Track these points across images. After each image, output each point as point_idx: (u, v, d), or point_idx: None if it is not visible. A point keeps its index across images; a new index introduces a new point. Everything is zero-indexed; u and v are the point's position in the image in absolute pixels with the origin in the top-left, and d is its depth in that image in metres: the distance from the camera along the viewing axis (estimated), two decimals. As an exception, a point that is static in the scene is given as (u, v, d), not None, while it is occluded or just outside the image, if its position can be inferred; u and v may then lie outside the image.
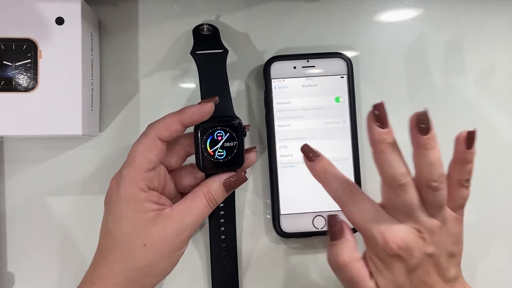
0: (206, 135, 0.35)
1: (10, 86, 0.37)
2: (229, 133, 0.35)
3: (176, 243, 0.34)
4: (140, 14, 0.43)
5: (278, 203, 0.40)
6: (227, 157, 0.35)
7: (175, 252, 0.34)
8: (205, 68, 0.37)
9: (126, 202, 0.33)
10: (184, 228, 0.34)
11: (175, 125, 0.34)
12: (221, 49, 0.38)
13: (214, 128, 0.35)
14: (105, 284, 0.33)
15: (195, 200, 0.34)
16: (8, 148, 0.42)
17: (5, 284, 0.41)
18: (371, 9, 0.43)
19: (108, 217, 0.34)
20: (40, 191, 0.42)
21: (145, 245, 0.33)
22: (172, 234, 0.33)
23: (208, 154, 0.35)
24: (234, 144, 0.35)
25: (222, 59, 0.38)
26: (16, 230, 0.41)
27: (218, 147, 0.35)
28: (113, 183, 0.34)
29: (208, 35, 0.39)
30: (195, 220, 0.34)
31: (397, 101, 0.43)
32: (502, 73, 0.43)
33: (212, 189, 0.35)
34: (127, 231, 0.33)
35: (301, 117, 0.40)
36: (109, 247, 0.34)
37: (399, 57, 0.43)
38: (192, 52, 0.38)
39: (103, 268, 0.33)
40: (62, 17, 0.37)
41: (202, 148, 0.35)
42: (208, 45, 0.38)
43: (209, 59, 0.38)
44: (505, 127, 0.43)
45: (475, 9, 0.43)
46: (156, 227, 0.33)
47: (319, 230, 0.40)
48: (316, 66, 0.41)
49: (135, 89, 0.42)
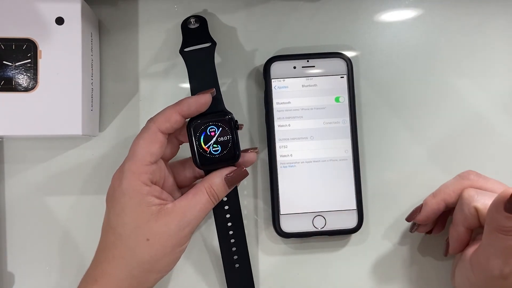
0: (199, 131, 0.35)
1: (10, 86, 0.37)
2: (221, 127, 0.35)
3: (179, 238, 0.34)
4: (140, 14, 0.43)
5: (278, 203, 0.40)
6: (222, 152, 0.35)
7: (178, 248, 0.34)
8: (194, 65, 0.37)
9: (128, 196, 0.33)
10: (186, 223, 0.34)
11: (174, 116, 0.34)
12: (209, 43, 0.38)
13: (206, 124, 0.35)
14: (108, 281, 0.33)
15: (197, 195, 0.34)
16: (8, 148, 0.42)
17: (5, 284, 0.41)
18: (371, 9, 0.43)
19: (110, 212, 0.34)
20: (40, 191, 0.42)
21: (148, 240, 0.33)
22: (175, 229, 0.33)
23: (203, 150, 0.35)
24: (227, 138, 0.35)
25: (210, 53, 0.38)
26: (16, 230, 0.41)
27: (212, 143, 0.35)
28: (115, 178, 0.34)
29: (196, 28, 0.39)
30: (197, 216, 0.34)
31: (397, 101, 0.43)
32: (502, 73, 0.43)
33: (214, 184, 0.35)
34: (130, 226, 0.33)
35: (301, 117, 0.40)
36: (111, 243, 0.33)
37: (399, 57, 0.43)
38: (181, 50, 0.38)
39: (105, 265, 0.33)
40: (62, 17, 0.37)
41: (197, 144, 0.35)
42: (196, 39, 0.38)
43: (197, 55, 0.38)
44: (505, 127, 0.43)
45: (475, 9, 0.43)
46: (159, 222, 0.33)
47: (319, 230, 0.40)
48: (316, 66, 0.41)
49: (135, 89, 0.42)
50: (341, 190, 0.40)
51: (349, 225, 0.40)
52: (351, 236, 0.42)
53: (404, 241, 0.42)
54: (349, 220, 0.40)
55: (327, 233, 0.40)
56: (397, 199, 0.42)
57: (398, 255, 0.42)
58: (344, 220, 0.40)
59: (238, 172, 0.35)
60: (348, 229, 0.40)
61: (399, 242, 0.42)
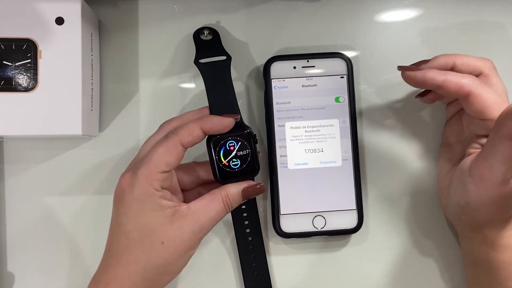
0: (218, 146, 0.35)
1: (10, 86, 0.37)
2: (240, 142, 0.36)
3: (192, 242, 0.34)
4: (140, 14, 0.43)
5: (278, 203, 0.40)
6: (242, 166, 0.36)
7: (190, 251, 0.34)
8: (211, 78, 0.38)
9: (141, 202, 0.33)
10: (200, 228, 0.34)
11: (197, 131, 0.34)
12: (224, 56, 0.38)
13: (225, 139, 0.36)
14: (121, 284, 0.33)
15: (213, 202, 0.35)
16: (8, 148, 0.42)
17: (5, 284, 0.41)
18: (371, 9, 0.43)
19: (122, 218, 0.34)
20: (40, 191, 0.42)
21: (163, 243, 0.33)
22: (188, 232, 0.33)
23: (223, 165, 0.36)
24: (247, 152, 0.36)
25: (227, 67, 0.38)
26: (16, 230, 0.41)
27: (232, 157, 0.36)
28: (126, 182, 0.34)
29: (209, 40, 0.39)
30: (210, 222, 0.34)
31: (397, 101, 0.43)
32: (502, 73, 0.43)
33: (230, 194, 0.35)
34: (145, 230, 0.33)
35: (301, 117, 0.40)
36: (124, 247, 0.33)
37: (399, 57, 0.43)
38: (196, 61, 0.38)
39: (117, 269, 0.33)
40: (62, 17, 0.37)
41: (217, 159, 0.35)
42: (210, 51, 0.38)
43: (213, 68, 0.38)
44: (505, 127, 0.43)
45: (475, 9, 0.43)
46: (173, 224, 0.33)
47: (319, 230, 0.40)
48: (316, 66, 0.41)
49: (135, 89, 0.42)
50: (341, 190, 0.40)
51: (349, 225, 0.40)
52: (351, 236, 0.42)
53: (404, 241, 0.42)
54: (349, 220, 0.40)
55: (327, 233, 0.40)
56: (397, 199, 0.42)
57: (398, 255, 0.42)
58: (344, 220, 0.40)
59: (255, 187, 0.36)
60: (348, 229, 0.40)
61: (399, 242, 0.42)
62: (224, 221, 0.41)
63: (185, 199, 0.38)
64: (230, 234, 0.42)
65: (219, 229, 0.42)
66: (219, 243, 0.42)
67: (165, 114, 0.41)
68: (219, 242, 0.42)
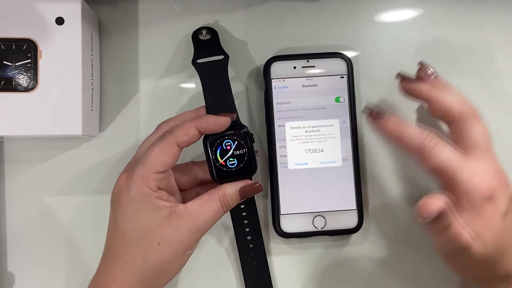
0: (215, 146, 0.35)
1: (10, 86, 0.37)
2: (237, 141, 0.36)
3: (189, 242, 0.34)
4: (140, 14, 0.43)
5: (278, 203, 0.40)
6: (239, 165, 0.36)
7: (188, 251, 0.34)
8: (208, 77, 0.37)
9: (138, 202, 0.33)
10: (197, 229, 0.34)
11: (193, 130, 0.34)
12: (222, 55, 0.38)
13: (222, 138, 0.35)
14: (118, 284, 0.33)
15: (210, 202, 0.35)
16: (8, 148, 0.42)
17: (5, 284, 0.41)
18: (371, 9, 0.43)
19: (118, 217, 0.34)
20: (40, 191, 0.42)
21: (160, 243, 0.33)
22: (186, 232, 0.33)
23: (220, 164, 0.35)
24: (243, 151, 0.36)
25: (224, 66, 0.38)
26: (16, 230, 0.41)
27: (229, 156, 0.35)
28: (122, 182, 0.34)
29: (208, 40, 0.39)
30: (207, 222, 0.34)
31: (397, 101, 0.43)
32: (502, 73, 0.43)
33: (227, 193, 0.35)
34: (142, 231, 0.33)
35: (301, 117, 0.40)
36: (121, 248, 0.33)
37: (399, 57, 0.43)
38: (193, 62, 0.38)
39: (115, 270, 0.33)
40: (62, 17, 0.37)
41: (213, 159, 0.35)
42: (208, 51, 0.38)
43: (210, 67, 0.38)
44: (506, 127, 0.43)
45: (475, 9, 0.43)
46: (170, 225, 0.33)
47: (319, 230, 0.40)
48: (316, 66, 0.41)
49: (135, 89, 0.42)
50: (341, 190, 0.40)
51: (349, 225, 0.40)
52: (351, 236, 0.42)
53: (404, 241, 0.42)
54: (349, 220, 0.40)
55: (327, 233, 0.40)
56: (397, 199, 0.42)
57: (398, 255, 0.42)
58: (344, 220, 0.40)
59: (252, 186, 0.36)
60: (348, 229, 0.40)
61: (399, 242, 0.42)
62: (223, 221, 0.41)
63: (183, 199, 0.38)
64: (230, 233, 0.42)
65: (219, 229, 0.42)
66: (218, 243, 0.42)
67: (165, 114, 0.41)
68: (219, 241, 0.42)
